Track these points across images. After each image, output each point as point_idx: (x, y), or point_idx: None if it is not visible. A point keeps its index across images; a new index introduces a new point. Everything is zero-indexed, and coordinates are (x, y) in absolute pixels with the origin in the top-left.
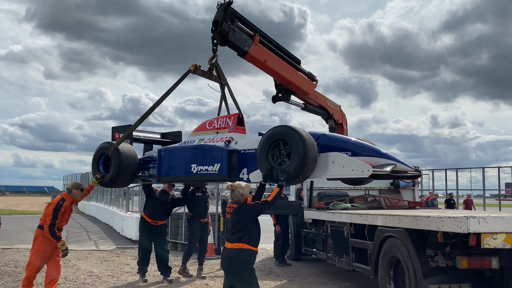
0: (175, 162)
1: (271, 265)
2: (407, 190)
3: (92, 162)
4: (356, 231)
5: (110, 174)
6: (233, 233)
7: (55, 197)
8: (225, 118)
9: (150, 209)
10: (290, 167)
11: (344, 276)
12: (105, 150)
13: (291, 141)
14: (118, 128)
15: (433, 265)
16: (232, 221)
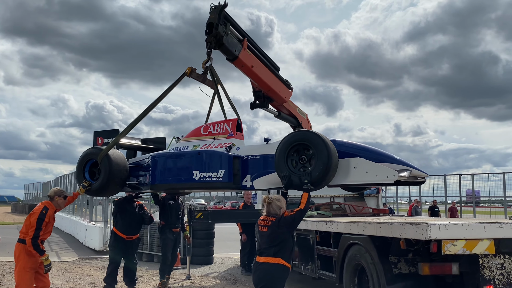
0: (174, 169)
1: (238, 274)
2: (371, 197)
3: (77, 169)
4: (321, 238)
5: (99, 181)
6: (269, 247)
7: (35, 206)
8: (222, 123)
9: (124, 224)
10: (314, 173)
11: (310, 283)
12: (92, 156)
13: (314, 146)
14: (101, 133)
15: (396, 271)
16: (269, 235)
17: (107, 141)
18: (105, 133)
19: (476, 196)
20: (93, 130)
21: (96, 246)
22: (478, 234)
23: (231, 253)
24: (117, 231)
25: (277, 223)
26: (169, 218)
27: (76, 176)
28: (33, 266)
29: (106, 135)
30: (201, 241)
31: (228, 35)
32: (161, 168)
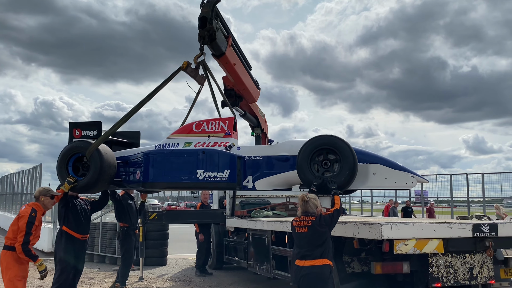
0: (175, 167)
1: (192, 275)
2: (325, 197)
3: (60, 163)
4: (277, 238)
5: (88, 178)
6: (313, 249)
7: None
8: (217, 121)
9: (76, 222)
10: (340, 177)
11: (265, 283)
12: (79, 150)
13: (340, 151)
14: (79, 125)
15: (350, 270)
16: (311, 236)
17: (86, 133)
18: (84, 125)
19: (424, 197)
20: (41, 127)
21: (45, 247)
22: (428, 234)
23: (185, 254)
24: (68, 229)
25: (318, 222)
26: (131, 219)
27: (58, 171)
28: (24, 274)
29: (85, 127)
30: (155, 242)
31: (218, 30)
32: (159, 166)
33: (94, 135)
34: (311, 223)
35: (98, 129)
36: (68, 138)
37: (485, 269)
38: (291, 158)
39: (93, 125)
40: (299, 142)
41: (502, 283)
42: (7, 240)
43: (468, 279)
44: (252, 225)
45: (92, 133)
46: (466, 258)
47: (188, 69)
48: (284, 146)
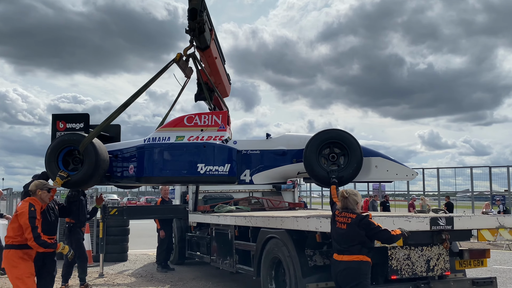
0: (174, 161)
1: (153, 271)
2: (287, 192)
3: (49, 157)
4: (240, 233)
5: (82, 173)
6: (351, 245)
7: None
8: (210, 115)
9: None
10: (348, 170)
11: (227, 278)
12: (72, 143)
13: (348, 145)
14: (63, 117)
15: (312, 264)
16: (348, 234)
17: (71, 126)
18: (69, 117)
19: (382, 190)
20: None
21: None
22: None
23: (146, 249)
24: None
25: (358, 223)
26: (80, 215)
27: (46, 165)
28: (32, 271)
29: (70, 119)
30: (115, 238)
31: (206, 23)
32: (156, 160)
33: (81, 128)
34: (351, 221)
35: (85, 122)
36: (51, 131)
37: (441, 261)
38: (288, 152)
39: (79, 118)
40: (295, 137)
41: (457, 274)
42: (8, 239)
43: (425, 271)
44: (215, 220)
45: (78, 126)
46: (423, 250)
47: (181, 61)
48: (281, 140)
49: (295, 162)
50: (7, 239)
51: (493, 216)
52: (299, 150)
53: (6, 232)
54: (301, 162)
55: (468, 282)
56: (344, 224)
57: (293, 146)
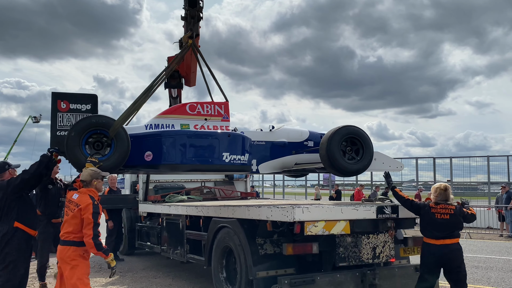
0: (201, 149)
1: (102, 262)
2: (240, 181)
3: (73, 141)
4: (191, 223)
5: (114, 158)
6: (453, 231)
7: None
8: (213, 105)
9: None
10: (363, 163)
11: (178, 267)
12: (101, 127)
13: (363, 141)
14: (64, 96)
15: (262, 252)
16: (452, 223)
17: (76, 107)
18: (72, 97)
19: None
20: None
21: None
22: (336, 215)
23: None
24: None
25: (459, 213)
26: (48, 206)
27: (69, 150)
28: (89, 271)
29: (74, 99)
30: None
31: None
32: (182, 147)
33: (87, 110)
34: (454, 212)
35: (92, 103)
36: (51, 111)
37: (386, 248)
38: (288, 144)
39: (86, 98)
40: (294, 130)
41: (401, 261)
42: (68, 234)
43: (371, 258)
44: (166, 210)
45: (84, 107)
46: (370, 238)
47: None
48: (282, 133)
49: (294, 154)
50: (67, 234)
51: None
52: (298, 142)
53: (62, 227)
54: (299, 154)
55: (412, 269)
56: (447, 215)
57: (292, 139)
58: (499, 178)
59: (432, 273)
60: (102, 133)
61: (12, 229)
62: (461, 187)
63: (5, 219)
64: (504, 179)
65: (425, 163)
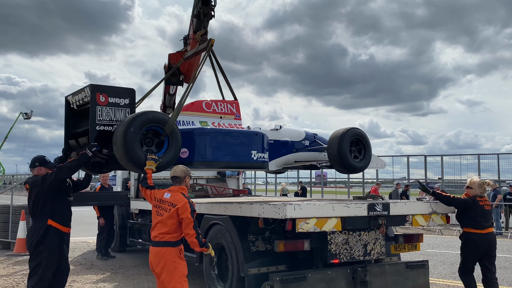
0: (234, 147)
1: (93, 259)
2: (232, 178)
3: (132, 137)
4: None
5: (170, 156)
6: (489, 220)
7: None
8: (226, 103)
9: (66, 212)
10: (365, 161)
11: None
12: (157, 123)
13: (366, 141)
14: (103, 88)
15: (254, 249)
16: (489, 211)
17: (114, 100)
18: (111, 90)
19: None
20: None
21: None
22: (327, 213)
23: (86, 237)
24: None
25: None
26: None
27: (126, 146)
28: (187, 272)
29: (112, 92)
30: None
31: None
32: (218, 145)
33: (126, 104)
34: (490, 203)
35: (130, 98)
36: (91, 105)
37: (377, 245)
38: (290, 143)
39: (124, 92)
40: (294, 130)
41: (392, 258)
42: (164, 235)
43: (362, 255)
44: None
45: (123, 102)
46: (361, 235)
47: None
48: (286, 132)
49: (294, 152)
50: (162, 235)
51: (426, 202)
52: (297, 141)
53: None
54: (300, 152)
55: (402, 266)
56: (489, 206)
57: (294, 138)
58: (490, 176)
59: (476, 261)
60: (156, 130)
61: (45, 227)
62: (452, 184)
63: (39, 216)
64: (494, 177)
65: (416, 161)
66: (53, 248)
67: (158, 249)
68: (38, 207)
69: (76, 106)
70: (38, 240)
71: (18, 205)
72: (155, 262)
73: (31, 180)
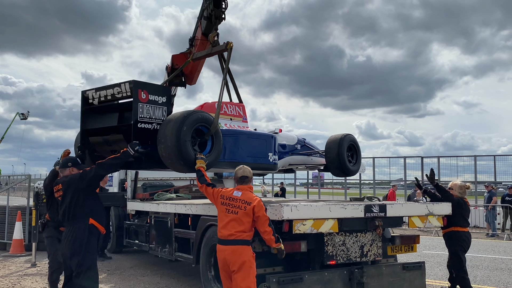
0: (255, 148)
1: None
2: (229, 179)
3: (185, 135)
4: (180, 221)
5: (214, 156)
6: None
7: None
8: (233, 105)
9: (103, 211)
10: (357, 166)
11: (166, 266)
12: (203, 122)
13: (357, 147)
14: (144, 85)
15: None
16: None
17: (153, 98)
18: (151, 87)
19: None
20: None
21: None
22: (324, 214)
23: None
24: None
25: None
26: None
27: (181, 144)
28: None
29: (152, 89)
30: None
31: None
32: (243, 146)
33: (163, 102)
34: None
35: (167, 96)
36: (133, 102)
37: (374, 246)
38: (287, 146)
39: (162, 90)
40: (289, 135)
41: (388, 259)
42: (241, 233)
43: (359, 256)
44: (155, 208)
45: (161, 99)
46: (358, 236)
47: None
48: (283, 136)
49: (290, 155)
50: (238, 233)
51: (423, 204)
52: (292, 145)
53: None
54: (294, 156)
55: (399, 267)
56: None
57: (290, 142)
58: (486, 177)
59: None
60: (201, 129)
61: (87, 227)
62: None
63: (80, 215)
64: (490, 178)
65: (413, 162)
66: (95, 248)
67: (236, 247)
68: (77, 206)
69: (98, 101)
70: (82, 241)
71: (14, 206)
72: (232, 261)
73: (66, 180)
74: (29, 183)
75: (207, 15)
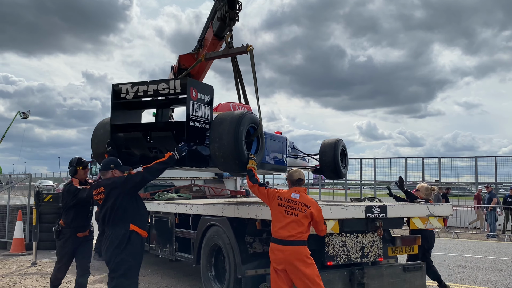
0: (274, 151)
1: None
2: (229, 179)
3: (241, 135)
4: (180, 221)
5: (260, 156)
6: None
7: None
8: (243, 107)
9: (146, 214)
10: (346, 169)
11: (166, 265)
12: (253, 123)
13: (346, 152)
14: (195, 83)
15: (251, 251)
16: None
17: (201, 97)
18: (199, 85)
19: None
20: None
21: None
22: (325, 215)
23: None
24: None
25: None
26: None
27: (237, 144)
28: None
29: (200, 88)
30: (50, 226)
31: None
32: (267, 148)
33: (208, 102)
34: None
35: (211, 96)
36: (187, 100)
37: (375, 247)
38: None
39: (206, 89)
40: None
41: (389, 260)
42: (301, 234)
43: (360, 257)
44: (156, 207)
45: (206, 98)
46: (358, 237)
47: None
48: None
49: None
50: (299, 234)
51: (423, 205)
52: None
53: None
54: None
55: (399, 268)
56: None
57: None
58: (487, 178)
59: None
60: (248, 130)
61: (128, 232)
62: (449, 187)
63: (122, 221)
64: (491, 179)
65: (414, 163)
66: (137, 255)
67: (297, 247)
68: (119, 211)
69: (133, 96)
70: (120, 247)
71: (15, 205)
72: (295, 259)
73: (109, 183)
74: (29, 182)
75: (220, 16)
